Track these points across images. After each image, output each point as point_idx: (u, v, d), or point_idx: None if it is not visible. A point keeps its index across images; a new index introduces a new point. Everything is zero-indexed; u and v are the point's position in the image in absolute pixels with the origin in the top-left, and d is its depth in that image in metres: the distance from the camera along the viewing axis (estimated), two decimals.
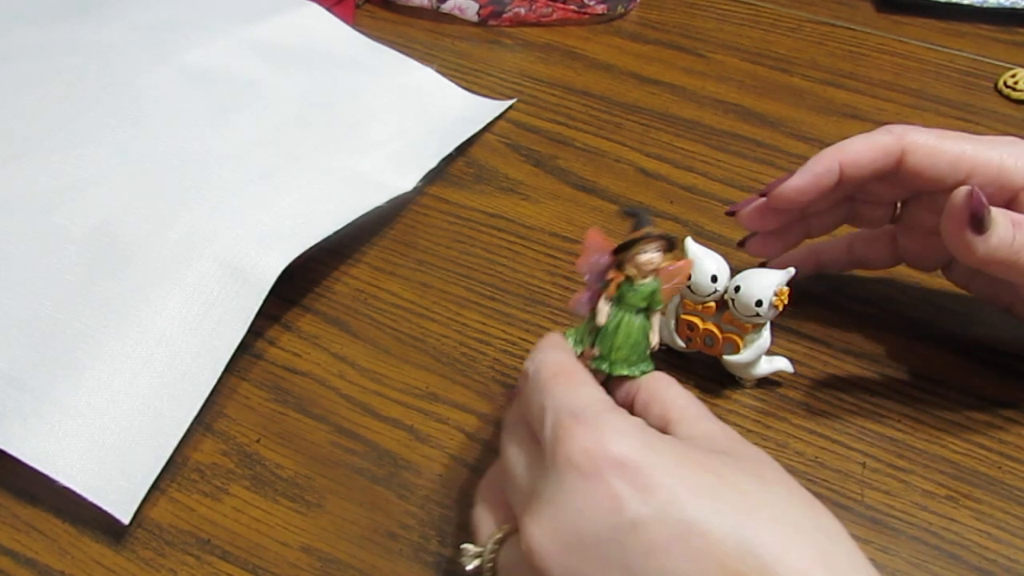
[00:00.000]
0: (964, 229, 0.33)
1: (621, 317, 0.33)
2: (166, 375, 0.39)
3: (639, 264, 0.32)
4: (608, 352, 0.33)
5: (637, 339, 0.33)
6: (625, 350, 0.33)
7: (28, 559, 0.35)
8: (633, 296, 0.33)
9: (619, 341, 0.33)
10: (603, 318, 0.33)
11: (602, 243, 0.33)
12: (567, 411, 0.28)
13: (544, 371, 0.30)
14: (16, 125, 0.49)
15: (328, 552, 0.35)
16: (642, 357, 0.34)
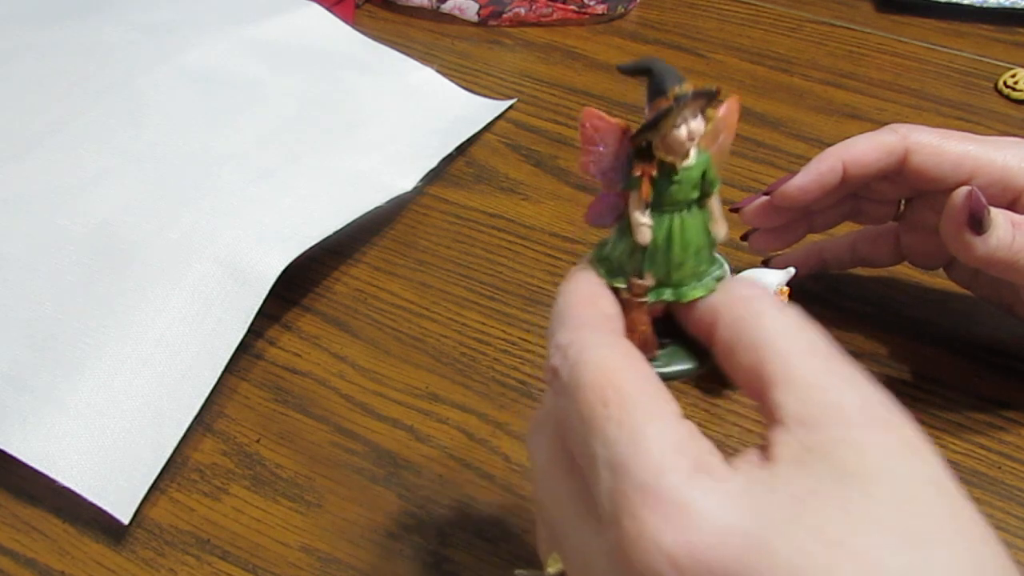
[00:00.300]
0: (963, 229, 0.33)
1: (670, 222, 0.24)
2: (166, 375, 0.39)
3: (675, 143, 0.23)
4: (667, 274, 0.25)
5: (700, 242, 0.25)
6: (690, 263, 0.25)
7: (28, 559, 0.35)
8: (678, 190, 0.24)
9: (677, 255, 0.24)
10: (646, 236, 0.24)
11: (609, 125, 0.24)
12: (632, 479, 0.19)
13: (585, 380, 0.21)
14: (16, 125, 0.49)
15: (328, 552, 0.35)
16: (710, 260, 0.25)
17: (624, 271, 0.25)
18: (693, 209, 0.25)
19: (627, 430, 0.20)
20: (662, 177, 0.24)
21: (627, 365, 0.22)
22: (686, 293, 0.25)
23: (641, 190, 0.24)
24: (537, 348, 0.42)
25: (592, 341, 0.22)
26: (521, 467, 0.37)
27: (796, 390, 0.21)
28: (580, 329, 0.23)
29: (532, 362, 0.41)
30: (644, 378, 0.21)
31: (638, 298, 0.25)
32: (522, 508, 0.36)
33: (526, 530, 0.35)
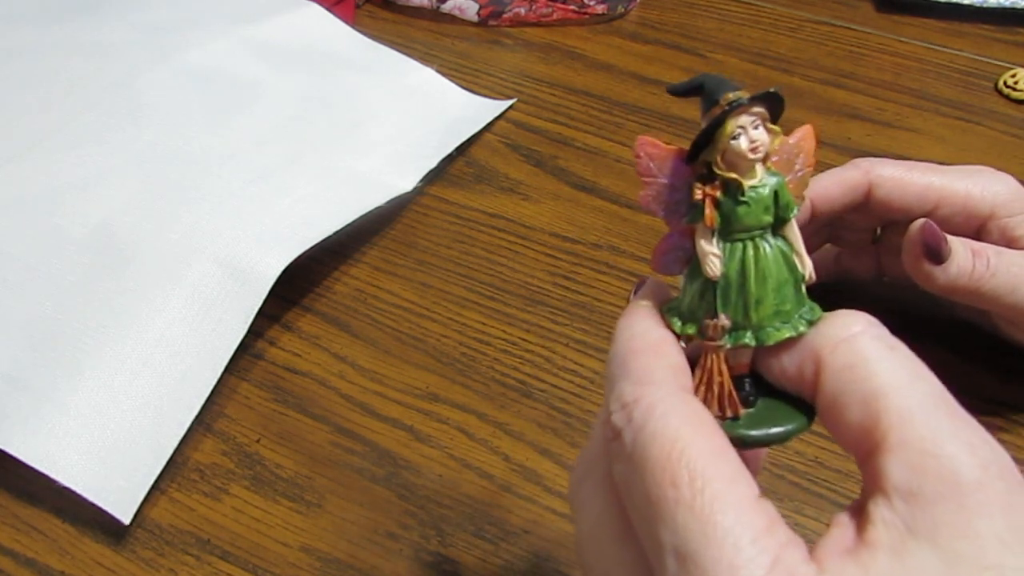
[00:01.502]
0: (922, 260, 0.34)
1: (743, 252, 0.22)
2: (166, 375, 0.39)
3: (737, 157, 0.21)
4: (744, 314, 0.22)
5: (781, 276, 0.22)
6: (770, 300, 0.22)
7: (28, 559, 0.35)
8: (748, 212, 0.21)
9: (753, 289, 0.22)
10: (715, 267, 0.22)
11: (665, 151, 0.22)
12: (703, 574, 0.17)
13: (653, 453, 0.19)
14: (16, 125, 0.49)
15: (328, 552, 0.35)
16: (797, 299, 0.22)
17: (696, 316, 0.22)
18: (769, 238, 0.22)
19: (699, 518, 0.18)
20: (728, 199, 0.21)
21: (701, 437, 0.19)
22: (770, 335, 0.22)
23: (705, 215, 0.21)
24: (537, 348, 0.42)
25: (661, 404, 0.20)
26: (521, 467, 0.37)
27: (908, 456, 0.18)
28: (647, 385, 0.20)
29: (532, 362, 0.41)
30: (720, 453, 0.19)
31: (713, 343, 0.22)
32: (522, 508, 0.36)
33: (526, 530, 0.35)
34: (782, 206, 0.22)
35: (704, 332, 0.22)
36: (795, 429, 0.22)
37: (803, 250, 0.22)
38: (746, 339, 0.22)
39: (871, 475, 0.19)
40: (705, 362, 0.22)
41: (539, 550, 0.35)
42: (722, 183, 0.21)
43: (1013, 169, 0.38)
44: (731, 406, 0.22)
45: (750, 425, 0.22)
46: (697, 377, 0.22)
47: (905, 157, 0.53)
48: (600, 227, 0.48)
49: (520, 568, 0.34)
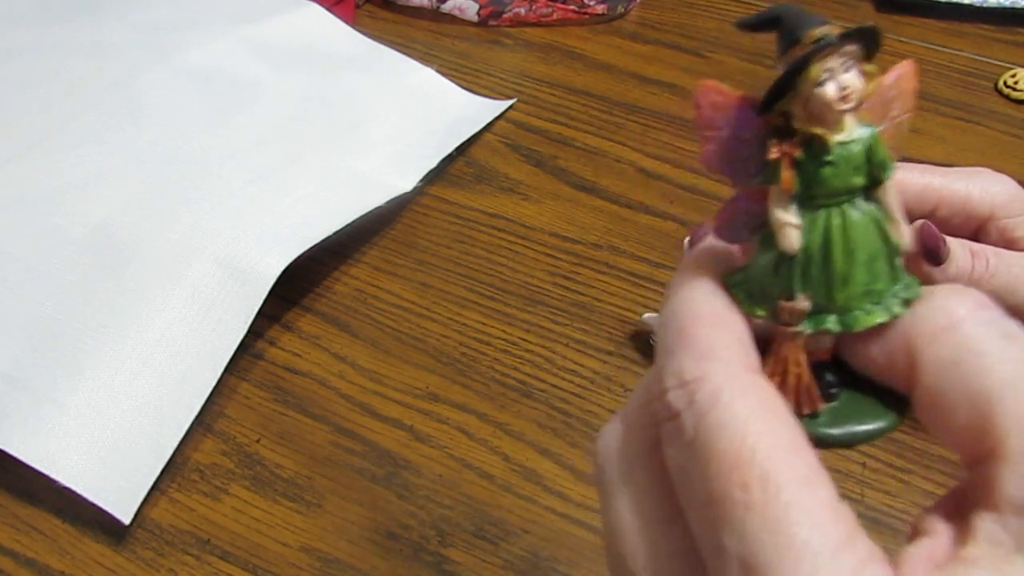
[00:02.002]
0: (920, 262, 0.34)
1: (827, 221, 0.18)
2: (166, 375, 0.39)
3: (823, 107, 0.17)
4: (827, 294, 0.18)
5: (872, 248, 0.18)
6: (859, 277, 0.18)
7: (28, 559, 0.35)
8: (834, 174, 0.18)
9: (839, 265, 0.18)
10: (793, 240, 0.18)
11: (729, 98, 0.18)
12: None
13: (720, 448, 0.17)
14: (16, 125, 0.49)
15: (328, 552, 0.35)
16: (891, 275, 0.18)
17: (768, 295, 0.18)
18: (860, 203, 0.18)
19: (772, 527, 0.16)
20: (810, 158, 0.18)
21: (775, 431, 0.17)
22: (858, 319, 0.18)
23: (782, 178, 0.18)
24: (537, 348, 0.42)
25: (729, 388, 0.17)
26: (521, 467, 0.37)
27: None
28: (712, 361, 0.17)
29: (532, 362, 0.41)
30: (796, 451, 0.17)
31: (789, 328, 0.18)
32: (522, 508, 0.36)
33: (526, 530, 0.35)
34: (876, 164, 0.18)
35: (779, 316, 0.18)
36: (883, 428, 0.19)
37: (901, 217, 0.19)
38: (829, 324, 0.18)
39: (980, 484, 0.17)
40: (779, 350, 0.18)
41: (539, 550, 0.35)
42: (803, 139, 0.18)
43: (1013, 169, 0.38)
44: (809, 402, 0.19)
45: (831, 422, 0.19)
46: (770, 367, 0.19)
47: (905, 157, 0.53)
48: (600, 227, 0.48)
49: (520, 568, 0.34)
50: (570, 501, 0.36)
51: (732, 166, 0.19)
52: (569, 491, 0.37)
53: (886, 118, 0.19)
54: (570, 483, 0.37)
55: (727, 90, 0.18)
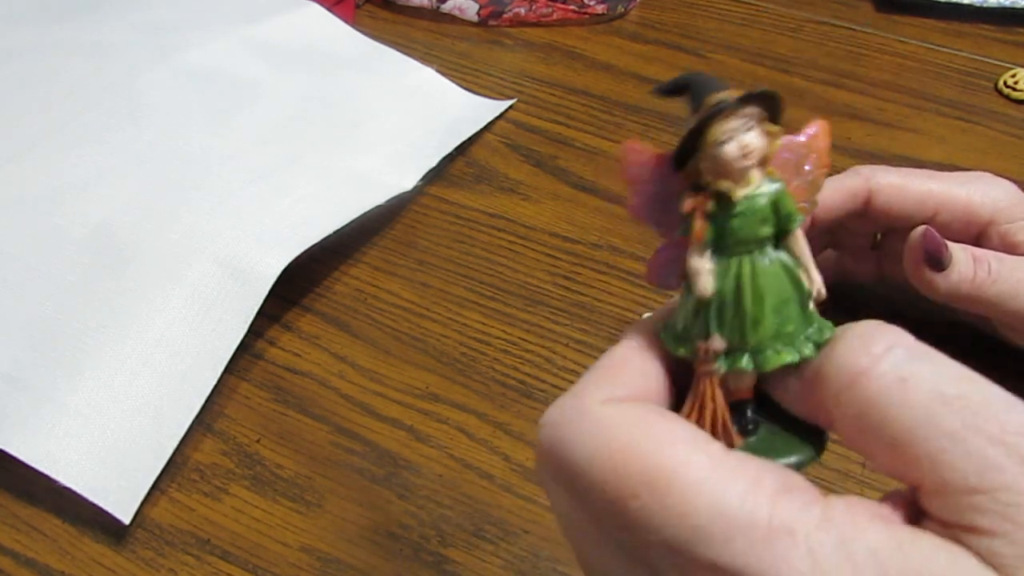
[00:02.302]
0: (923, 268, 0.34)
1: (738, 268, 0.20)
2: (166, 375, 0.39)
3: (726, 163, 0.19)
4: (740, 335, 0.20)
5: (782, 293, 0.20)
6: (769, 321, 0.19)
7: (28, 559, 0.35)
8: (741, 225, 0.19)
9: (749, 309, 0.19)
10: (707, 285, 0.20)
11: (649, 156, 0.20)
12: (711, 548, 0.16)
13: (594, 477, 0.18)
14: (16, 125, 0.49)
15: (328, 552, 0.35)
16: (803, 318, 0.20)
17: (690, 336, 0.20)
18: (770, 252, 0.20)
19: (678, 517, 0.17)
20: (720, 211, 0.19)
21: (636, 430, 0.18)
22: (769, 359, 0.19)
23: (694, 228, 0.19)
24: (537, 348, 0.42)
25: (585, 418, 0.18)
26: (521, 467, 0.37)
27: (950, 500, 0.17)
28: (579, 398, 0.19)
29: (532, 362, 0.41)
30: (665, 435, 0.18)
31: (706, 366, 0.20)
32: (522, 508, 0.36)
33: (526, 530, 0.35)
34: (783, 217, 0.19)
35: (697, 354, 0.20)
36: (799, 462, 0.20)
37: (811, 264, 0.20)
38: (742, 363, 0.20)
39: (918, 505, 0.18)
40: (698, 387, 0.20)
41: (539, 550, 0.35)
42: (713, 193, 0.19)
43: (1014, 169, 0.38)
44: (726, 436, 0.20)
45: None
46: (689, 403, 0.20)
47: (906, 157, 0.53)
48: (600, 227, 0.48)
49: (520, 568, 0.34)
50: None
51: (657, 218, 0.21)
52: None
53: (800, 175, 0.20)
54: None
55: (648, 149, 0.20)
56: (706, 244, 0.19)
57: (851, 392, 0.18)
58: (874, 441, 0.18)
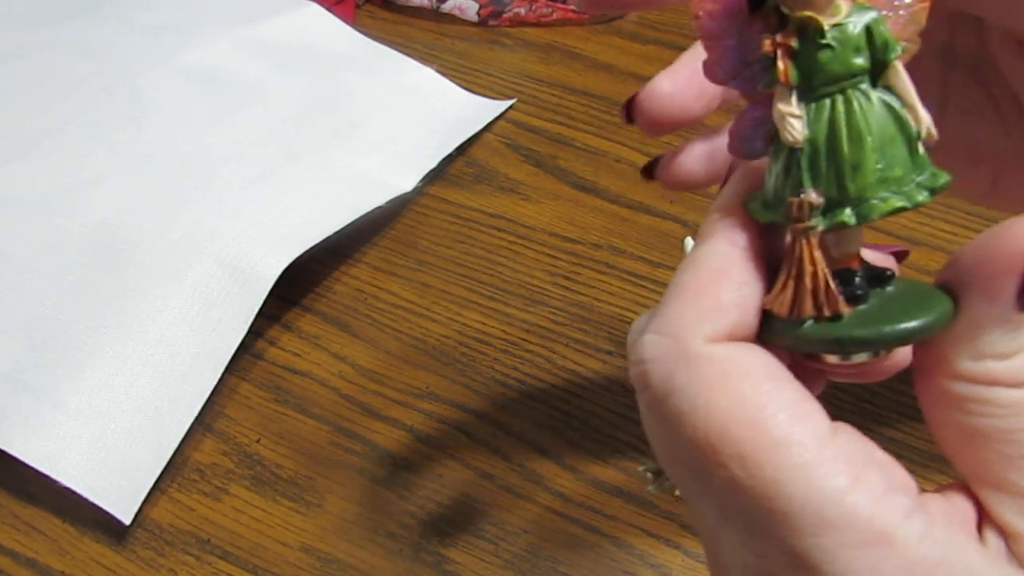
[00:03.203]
0: None
1: (831, 109, 0.17)
2: (166, 375, 0.39)
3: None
4: (839, 185, 0.17)
5: (884, 134, 0.17)
6: (871, 163, 0.17)
7: (28, 559, 0.35)
8: (832, 58, 0.17)
9: (847, 152, 0.17)
10: (795, 131, 0.17)
11: (728, 4, 0.18)
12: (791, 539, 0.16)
13: (687, 437, 0.17)
14: (16, 125, 0.49)
15: (328, 552, 0.35)
16: (912, 162, 0.17)
17: (782, 199, 0.17)
18: (867, 89, 0.17)
19: (762, 497, 0.16)
20: (805, 45, 0.17)
21: (732, 404, 0.16)
22: (875, 208, 0.17)
23: (778, 69, 0.17)
24: (537, 348, 0.42)
25: (684, 370, 0.17)
26: (521, 467, 0.37)
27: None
28: (672, 338, 0.17)
29: (532, 362, 0.41)
30: (762, 409, 0.16)
31: (801, 224, 0.17)
32: (522, 508, 0.36)
33: (526, 530, 0.35)
34: (879, 46, 0.17)
35: (789, 213, 0.17)
36: (922, 326, 0.17)
37: (916, 100, 0.17)
38: (844, 216, 0.17)
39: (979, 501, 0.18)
40: (793, 250, 0.17)
41: (539, 550, 0.35)
42: (796, 26, 0.17)
43: None
44: (829, 303, 0.17)
45: (858, 325, 0.17)
46: (784, 272, 0.18)
47: None
48: (600, 227, 0.48)
49: (520, 568, 0.34)
50: (570, 501, 0.36)
51: (738, 75, 0.18)
52: (569, 491, 0.37)
53: (898, 7, 0.18)
54: (570, 483, 0.37)
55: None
56: (793, 86, 0.17)
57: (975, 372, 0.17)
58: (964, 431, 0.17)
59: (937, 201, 0.19)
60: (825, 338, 0.17)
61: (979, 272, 0.17)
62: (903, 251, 0.18)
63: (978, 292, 0.17)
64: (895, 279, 0.18)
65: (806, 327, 0.17)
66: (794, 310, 0.17)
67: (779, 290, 0.18)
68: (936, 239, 0.45)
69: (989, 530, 0.17)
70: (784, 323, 0.18)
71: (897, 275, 0.18)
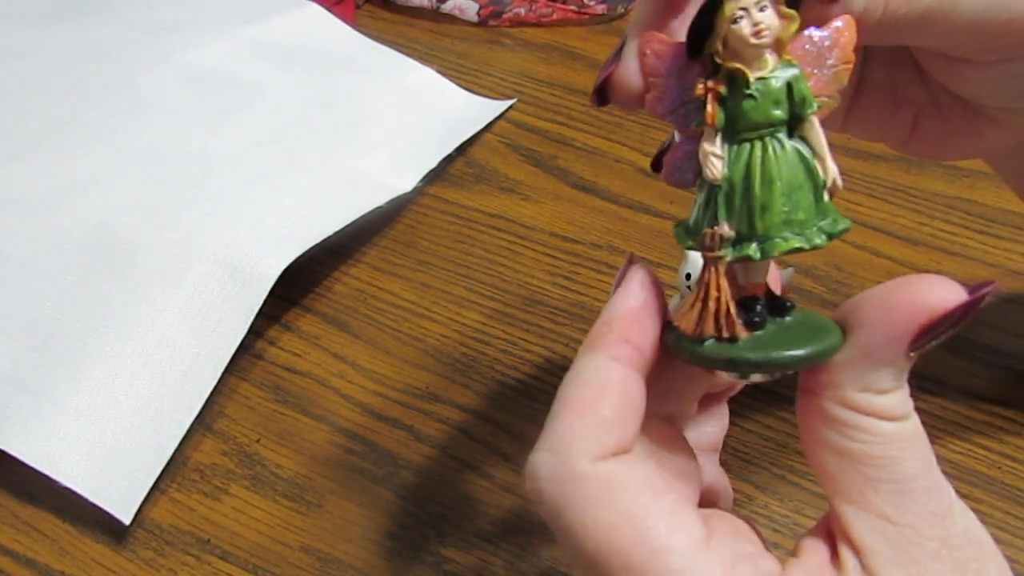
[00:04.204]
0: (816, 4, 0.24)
1: (749, 153, 0.19)
2: (166, 375, 0.39)
3: (739, 44, 0.19)
4: (748, 222, 0.19)
5: (793, 180, 0.19)
6: (778, 206, 0.19)
7: (28, 559, 0.35)
8: (754, 107, 0.19)
9: (759, 195, 0.19)
10: (716, 169, 0.19)
11: (669, 46, 0.20)
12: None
13: (580, 547, 0.19)
14: (16, 125, 0.49)
15: (328, 552, 0.35)
16: (816, 208, 0.20)
17: (700, 227, 0.20)
18: (783, 138, 0.19)
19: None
20: (732, 93, 0.19)
21: (617, 515, 0.19)
22: (776, 245, 0.19)
23: (707, 112, 0.19)
24: (537, 348, 0.42)
25: (571, 487, 0.19)
26: (521, 467, 0.37)
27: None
28: (561, 454, 0.20)
29: (532, 362, 0.41)
30: (644, 518, 0.19)
31: (712, 253, 0.19)
32: (522, 508, 0.36)
33: (526, 530, 0.35)
34: (797, 101, 0.19)
35: (703, 242, 0.19)
36: (811, 353, 0.19)
37: (826, 153, 0.19)
38: (750, 251, 0.19)
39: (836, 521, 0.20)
40: (703, 275, 0.19)
41: (539, 550, 0.35)
42: (726, 75, 0.19)
43: None
44: (728, 326, 0.19)
45: (752, 348, 0.19)
46: (693, 294, 0.20)
47: (904, 155, 0.53)
48: (600, 227, 0.48)
49: (520, 568, 0.34)
50: None
51: (674, 111, 0.20)
52: None
53: (821, 67, 0.19)
54: None
55: (667, 39, 0.20)
56: (718, 129, 0.19)
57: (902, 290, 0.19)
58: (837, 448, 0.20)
59: (938, 202, 0.20)
60: (720, 357, 0.19)
61: (884, 316, 0.19)
62: (989, 282, 0.19)
63: (878, 333, 0.19)
64: (795, 310, 0.20)
65: (707, 345, 0.19)
66: (697, 328, 0.19)
67: (687, 309, 0.20)
68: (936, 239, 0.46)
69: (844, 549, 0.20)
70: (688, 339, 0.20)
71: (797, 307, 0.20)
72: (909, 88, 0.30)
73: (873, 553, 0.19)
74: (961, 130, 0.30)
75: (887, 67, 0.30)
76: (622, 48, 0.22)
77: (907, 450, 0.19)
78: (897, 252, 0.45)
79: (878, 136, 0.32)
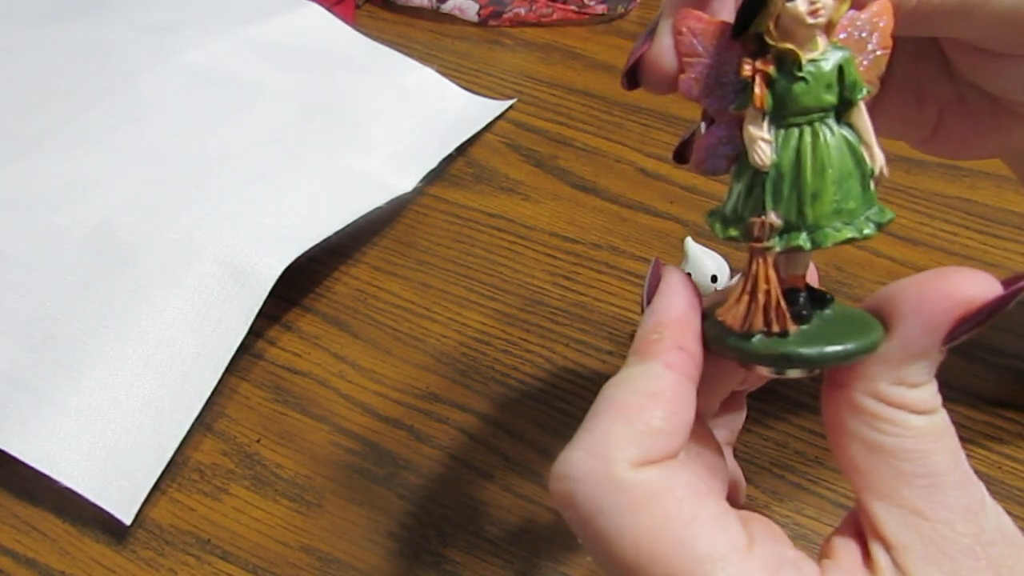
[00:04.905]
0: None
1: (799, 139, 0.18)
2: (167, 376, 0.39)
3: (793, 23, 0.18)
4: (798, 211, 0.19)
5: (844, 167, 0.19)
6: (829, 195, 0.18)
7: (28, 559, 0.35)
8: (805, 91, 0.18)
9: (809, 182, 0.18)
10: (764, 154, 0.18)
11: (709, 24, 0.19)
12: None
13: (610, 554, 0.18)
14: (16, 125, 0.49)
15: (328, 552, 0.35)
16: (864, 197, 0.19)
17: (742, 216, 0.19)
18: (832, 124, 0.18)
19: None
20: (782, 75, 0.18)
21: (649, 520, 0.18)
22: (828, 236, 0.18)
23: (755, 95, 0.18)
24: (537, 348, 0.42)
25: (606, 495, 0.18)
26: (520, 467, 0.37)
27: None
28: (598, 459, 0.19)
29: (532, 362, 0.41)
30: (676, 523, 0.18)
31: (760, 244, 0.18)
32: (522, 508, 0.36)
33: (526, 530, 0.35)
34: (848, 85, 0.18)
35: (749, 232, 0.18)
36: (854, 349, 0.18)
37: (873, 141, 0.19)
38: (800, 241, 0.18)
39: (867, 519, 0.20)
40: (750, 268, 0.19)
41: (539, 550, 0.35)
42: (776, 56, 0.18)
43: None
44: (779, 319, 0.19)
45: (802, 343, 0.19)
46: (739, 287, 0.19)
47: (904, 155, 0.53)
48: (600, 227, 0.48)
49: (520, 568, 0.34)
50: None
51: (711, 93, 0.19)
52: None
53: (864, 52, 0.19)
54: None
55: (708, 17, 0.19)
56: (765, 112, 0.18)
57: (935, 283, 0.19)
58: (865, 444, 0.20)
59: (938, 202, 0.20)
60: (771, 353, 0.19)
61: (920, 308, 0.19)
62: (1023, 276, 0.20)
63: (915, 324, 0.19)
64: (832, 302, 0.20)
65: (754, 341, 0.19)
66: (745, 324, 0.19)
67: (733, 303, 0.19)
68: (936, 239, 0.46)
69: (876, 546, 0.19)
70: (734, 335, 0.19)
71: (835, 299, 0.20)
72: (935, 83, 0.29)
73: (906, 550, 0.19)
74: (987, 128, 0.29)
75: (913, 61, 0.29)
76: (655, 28, 0.21)
77: (938, 443, 0.19)
78: (897, 252, 0.45)
79: (900, 134, 0.31)
